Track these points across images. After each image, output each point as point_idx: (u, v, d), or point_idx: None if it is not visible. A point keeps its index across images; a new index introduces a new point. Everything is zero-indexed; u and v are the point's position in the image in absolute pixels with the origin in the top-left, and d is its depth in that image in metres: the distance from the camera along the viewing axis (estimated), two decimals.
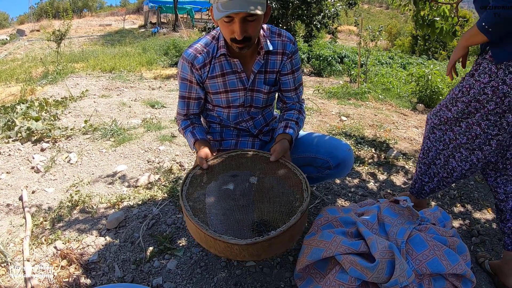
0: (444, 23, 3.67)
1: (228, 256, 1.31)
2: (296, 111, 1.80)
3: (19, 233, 1.88)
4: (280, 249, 1.30)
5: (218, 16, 1.39)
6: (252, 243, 1.20)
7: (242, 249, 1.22)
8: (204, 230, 1.25)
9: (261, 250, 1.24)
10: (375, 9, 54.07)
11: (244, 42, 1.46)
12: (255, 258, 1.29)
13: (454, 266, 1.42)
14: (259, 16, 1.43)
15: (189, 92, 1.69)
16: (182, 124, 1.77)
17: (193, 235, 1.39)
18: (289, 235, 1.28)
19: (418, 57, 17.80)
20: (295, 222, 1.26)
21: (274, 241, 1.23)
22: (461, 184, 2.80)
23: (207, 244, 1.31)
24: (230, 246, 1.23)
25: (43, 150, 2.93)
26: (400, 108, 5.80)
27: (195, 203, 1.39)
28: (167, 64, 10.03)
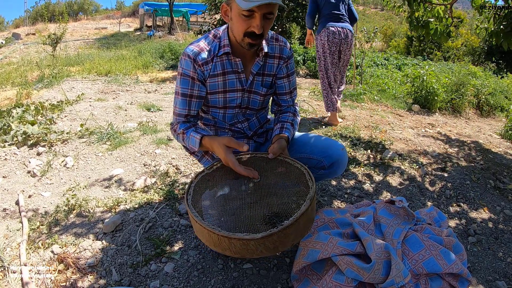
0: (439, 24, 3.69)
1: (244, 256, 1.28)
2: (291, 113, 1.83)
3: (16, 238, 1.88)
4: (295, 238, 1.29)
5: (245, 5, 1.38)
6: (268, 235, 1.19)
7: (258, 243, 1.21)
8: (217, 231, 1.23)
9: (278, 242, 1.23)
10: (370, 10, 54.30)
11: (258, 39, 1.50)
12: (272, 252, 1.27)
13: (451, 266, 1.43)
14: (275, 14, 1.49)
15: (191, 89, 1.64)
16: (181, 127, 1.68)
17: (205, 241, 1.36)
18: (303, 223, 1.28)
19: (413, 58, 17.87)
20: (306, 209, 1.26)
21: (289, 230, 1.23)
22: (457, 184, 2.82)
23: (221, 247, 1.29)
24: (245, 243, 1.21)
25: (39, 154, 2.92)
26: (396, 109, 5.82)
27: (202, 209, 1.40)
28: (163, 67, 10.02)
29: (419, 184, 2.77)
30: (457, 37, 22.43)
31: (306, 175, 1.45)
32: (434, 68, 7.34)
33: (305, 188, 1.39)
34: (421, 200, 2.55)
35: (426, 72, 6.42)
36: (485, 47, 20.19)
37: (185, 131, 1.66)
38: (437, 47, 21.84)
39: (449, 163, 3.27)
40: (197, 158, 1.88)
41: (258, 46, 1.56)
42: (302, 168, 1.49)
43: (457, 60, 19.88)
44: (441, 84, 6.51)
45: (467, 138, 4.48)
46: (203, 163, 1.89)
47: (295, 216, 1.23)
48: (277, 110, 1.90)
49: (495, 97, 7.45)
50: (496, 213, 2.50)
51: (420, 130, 4.56)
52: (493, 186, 2.90)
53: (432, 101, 6.15)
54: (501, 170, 3.28)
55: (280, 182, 1.48)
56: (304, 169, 1.48)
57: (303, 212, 1.25)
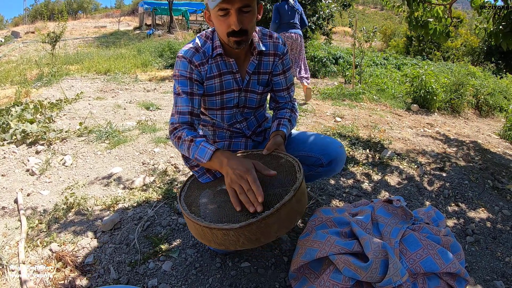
0: (438, 24, 3.70)
1: (228, 247, 1.27)
2: (289, 109, 1.84)
3: (15, 236, 1.88)
4: (279, 230, 1.26)
5: (213, 5, 1.39)
6: (246, 225, 1.19)
7: (238, 234, 1.21)
8: (200, 222, 1.25)
9: (259, 232, 1.22)
10: (370, 10, 54.27)
11: (241, 35, 1.47)
12: (255, 244, 1.25)
13: (448, 265, 1.44)
14: (253, 7, 1.46)
15: (191, 88, 1.58)
16: (188, 134, 1.51)
17: (193, 233, 1.39)
18: (285, 213, 1.25)
19: (412, 58, 17.87)
20: (289, 199, 1.24)
21: (269, 220, 1.21)
22: (455, 184, 2.83)
23: (206, 238, 1.30)
24: (226, 233, 1.22)
25: (38, 153, 2.92)
26: (395, 109, 5.83)
27: (192, 203, 1.41)
28: (162, 66, 10.01)
29: (417, 184, 2.78)
30: (457, 37, 22.44)
31: (295, 167, 1.44)
32: (433, 68, 7.35)
33: (293, 179, 1.37)
34: (420, 199, 2.56)
35: (425, 72, 6.43)
36: (484, 47, 20.20)
37: (194, 138, 1.49)
38: (436, 47, 21.84)
39: (447, 163, 3.27)
40: (196, 174, 1.63)
41: (246, 43, 1.53)
42: (293, 160, 1.49)
43: (456, 60, 19.88)
44: (440, 84, 6.52)
45: (466, 138, 4.49)
46: (202, 180, 1.61)
47: (276, 206, 1.22)
48: (275, 107, 1.91)
49: (494, 97, 7.46)
50: (494, 213, 2.50)
51: (419, 129, 4.57)
52: (492, 186, 2.91)
53: (431, 101, 6.15)
54: (500, 170, 3.29)
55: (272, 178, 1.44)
56: (294, 161, 1.48)
57: (284, 202, 1.23)
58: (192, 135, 1.50)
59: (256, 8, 1.51)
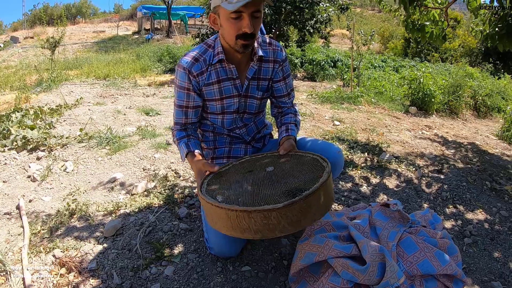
0: (434, 28, 3.73)
1: (266, 235, 1.22)
2: (292, 114, 1.88)
3: (18, 242, 1.90)
4: (316, 212, 1.26)
5: (230, 7, 1.43)
6: (290, 204, 1.16)
7: (280, 215, 1.17)
8: (235, 207, 1.20)
9: (300, 214, 1.20)
10: (368, 12, 54.37)
11: (250, 39, 1.53)
12: (295, 228, 1.21)
13: (445, 267, 1.46)
14: (262, 12, 1.53)
15: (187, 101, 1.71)
16: (177, 135, 1.77)
17: (221, 225, 1.31)
18: (324, 195, 1.27)
19: (410, 60, 17.92)
20: (326, 179, 1.27)
21: (311, 200, 1.21)
22: (454, 186, 2.85)
23: (240, 227, 1.23)
24: (267, 215, 1.17)
25: (39, 159, 2.94)
26: (393, 112, 5.86)
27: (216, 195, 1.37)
28: (161, 70, 10.05)
29: (415, 186, 2.80)
30: (454, 38, 22.50)
31: (319, 160, 1.49)
32: (431, 70, 7.39)
33: (320, 169, 1.41)
34: (418, 202, 2.58)
35: (422, 74, 6.46)
36: (482, 48, 20.25)
37: (179, 140, 1.75)
38: (434, 48, 21.89)
39: (445, 165, 3.30)
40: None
41: (251, 47, 1.59)
42: (315, 155, 1.53)
43: (454, 61, 19.94)
44: (438, 86, 6.55)
45: (464, 140, 4.52)
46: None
47: (315, 186, 1.23)
48: (278, 113, 1.94)
49: (492, 98, 7.50)
50: (492, 214, 2.53)
51: (417, 132, 4.60)
52: (490, 188, 2.93)
53: (429, 103, 6.19)
54: (498, 172, 3.32)
55: (295, 167, 1.49)
56: (317, 156, 1.52)
57: (323, 181, 1.25)
58: (179, 137, 1.75)
59: (262, 14, 1.57)
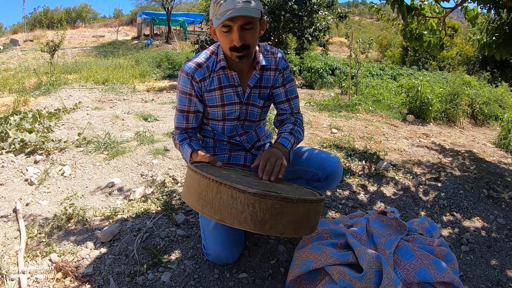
0: (432, 36, 3.76)
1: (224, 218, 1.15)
2: (291, 123, 1.82)
3: (14, 246, 1.89)
4: (288, 225, 1.15)
5: (217, 23, 1.48)
6: (262, 195, 1.08)
7: (248, 202, 1.09)
8: (210, 176, 1.15)
9: (269, 213, 1.11)
10: (366, 20, 54.73)
11: (243, 50, 1.54)
12: (257, 228, 1.12)
13: (441, 275, 1.46)
14: (255, 24, 1.53)
15: (188, 105, 1.73)
16: (178, 138, 1.78)
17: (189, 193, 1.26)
18: (302, 212, 1.17)
19: (408, 68, 18.04)
20: (312, 200, 1.18)
21: (286, 206, 1.11)
22: (451, 194, 2.86)
23: (204, 199, 1.17)
24: (235, 196, 1.10)
25: (37, 163, 2.94)
26: (391, 120, 5.88)
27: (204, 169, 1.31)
28: (160, 76, 10.07)
29: (413, 194, 2.81)
30: (452, 47, 22.67)
31: (316, 193, 1.45)
32: (428, 78, 7.43)
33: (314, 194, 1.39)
34: (415, 210, 2.59)
35: (420, 82, 6.50)
36: (479, 56, 20.40)
37: (181, 142, 1.75)
38: (432, 57, 22.06)
39: (443, 173, 3.31)
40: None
41: (248, 57, 1.60)
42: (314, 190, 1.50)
43: (452, 70, 20.07)
44: (435, 94, 6.59)
45: (461, 148, 4.54)
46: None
47: (299, 197, 1.15)
48: (278, 122, 1.92)
49: (489, 106, 7.54)
50: (489, 221, 2.53)
51: (414, 140, 4.62)
52: (487, 195, 2.94)
53: (427, 111, 6.22)
54: (495, 179, 3.33)
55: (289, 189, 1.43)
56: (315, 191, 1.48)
57: (308, 199, 1.17)
58: (180, 139, 1.76)
59: (258, 24, 1.57)
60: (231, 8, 1.42)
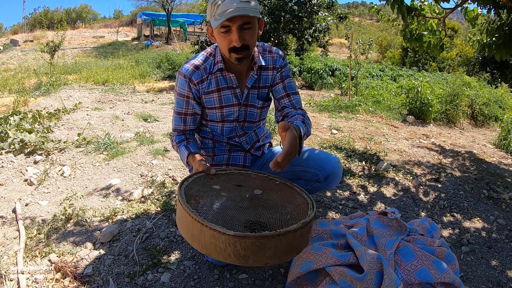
0: (432, 37, 3.76)
1: (210, 253, 1.18)
2: (299, 115, 1.71)
3: (13, 246, 1.89)
4: (272, 258, 1.17)
5: (215, 24, 1.46)
6: (241, 236, 1.10)
7: (229, 242, 1.12)
8: (193, 214, 1.17)
9: (250, 250, 1.13)
10: (366, 21, 54.79)
11: (242, 51, 1.52)
12: (241, 262, 1.15)
13: (442, 275, 1.46)
14: (253, 24, 1.51)
15: (185, 108, 1.72)
16: (176, 139, 1.77)
17: (180, 225, 1.30)
18: (285, 243, 1.17)
19: (408, 69, 18.04)
20: (295, 229, 1.17)
21: (267, 242, 1.12)
22: (451, 194, 2.86)
23: (192, 235, 1.21)
24: (216, 236, 1.13)
25: (36, 163, 2.94)
26: (391, 120, 5.88)
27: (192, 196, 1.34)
28: (160, 77, 10.08)
29: (413, 195, 2.81)
30: (452, 48, 22.68)
31: (309, 204, 1.39)
32: (428, 79, 7.42)
33: (303, 213, 1.32)
34: (415, 210, 2.58)
35: (420, 83, 6.50)
36: (479, 57, 20.41)
37: (178, 144, 1.75)
38: (432, 58, 22.06)
39: (443, 174, 3.31)
40: (189, 168, 1.87)
41: (247, 58, 1.58)
42: (308, 198, 1.44)
43: (452, 71, 20.08)
44: (435, 95, 6.59)
45: (461, 149, 4.53)
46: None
47: (279, 230, 1.14)
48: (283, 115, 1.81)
49: (489, 107, 7.54)
50: (490, 222, 2.53)
51: (414, 141, 4.61)
52: (487, 196, 2.94)
53: (427, 112, 6.22)
54: (495, 180, 3.33)
55: (280, 202, 1.40)
56: (309, 199, 1.43)
57: (289, 230, 1.15)
58: (178, 140, 1.76)
59: (257, 24, 1.56)
60: (229, 8, 1.41)
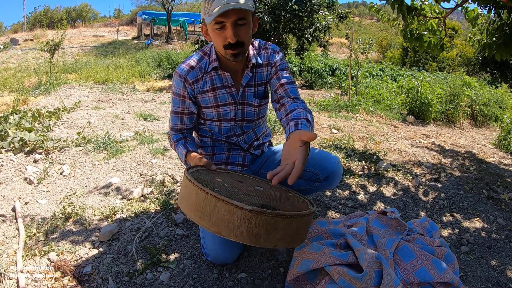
0: (432, 37, 3.76)
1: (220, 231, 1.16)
2: (301, 109, 1.55)
3: (12, 245, 1.89)
4: (281, 239, 1.17)
5: (209, 20, 1.46)
6: (258, 212, 1.10)
7: (244, 217, 1.11)
8: (207, 189, 1.16)
9: (264, 228, 1.13)
10: (366, 21, 54.78)
11: (237, 47, 1.52)
12: (252, 241, 1.14)
13: (442, 275, 1.46)
14: (248, 19, 1.51)
15: (182, 107, 1.73)
16: (174, 138, 1.79)
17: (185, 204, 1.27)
18: (295, 227, 1.18)
19: (408, 69, 18.04)
20: (304, 214, 1.19)
21: (280, 222, 1.14)
22: (451, 194, 2.86)
23: (202, 212, 1.19)
24: (232, 211, 1.12)
25: (36, 162, 2.93)
26: (391, 120, 5.88)
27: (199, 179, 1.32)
28: (160, 76, 10.08)
29: (412, 195, 2.81)
30: (452, 48, 22.68)
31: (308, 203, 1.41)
32: (428, 79, 7.42)
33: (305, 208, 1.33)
34: (415, 210, 2.58)
35: (420, 83, 6.50)
36: (479, 57, 20.41)
37: (176, 142, 1.77)
38: (432, 57, 22.06)
39: (442, 174, 3.31)
40: (187, 166, 1.81)
41: (242, 55, 1.57)
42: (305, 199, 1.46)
43: (452, 71, 20.08)
44: (435, 95, 6.59)
45: (461, 149, 4.53)
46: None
47: (292, 212, 1.16)
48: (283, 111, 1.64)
49: (489, 107, 7.54)
50: (489, 222, 2.53)
51: (414, 140, 4.61)
52: (487, 196, 2.94)
53: (427, 112, 6.22)
54: (495, 180, 3.33)
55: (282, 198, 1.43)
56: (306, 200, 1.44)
57: (300, 214, 1.17)
58: (175, 139, 1.77)
59: (251, 21, 1.55)
60: (223, 3, 1.41)
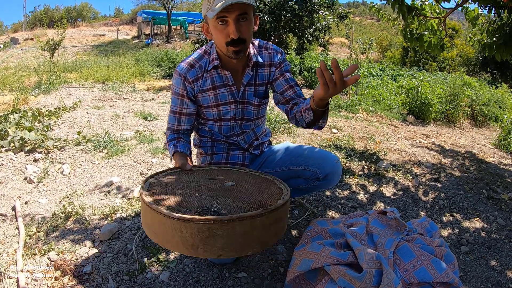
0: (432, 37, 3.76)
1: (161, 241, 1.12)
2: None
3: (12, 244, 1.89)
4: (225, 249, 1.05)
5: (212, 15, 1.44)
6: (185, 220, 1.01)
7: (175, 227, 1.03)
8: (146, 199, 1.14)
9: (198, 238, 1.03)
10: (367, 21, 54.76)
11: (239, 44, 1.52)
12: (191, 252, 1.06)
13: (441, 275, 1.46)
14: (250, 16, 1.51)
15: (180, 107, 1.72)
16: (168, 137, 1.78)
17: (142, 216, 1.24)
18: (240, 232, 1.05)
19: (408, 69, 18.04)
20: (250, 216, 1.05)
21: (216, 229, 1.01)
22: (451, 194, 2.86)
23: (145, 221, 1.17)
24: (163, 221, 1.05)
25: (36, 161, 2.94)
26: (391, 120, 5.88)
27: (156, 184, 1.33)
28: (160, 75, 10.07)
29: (412, 195, 2.81)
30: (452, 48, 22.67)
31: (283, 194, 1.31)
32: (428, 79, 7.42)
33: (271, 203, 1.21)
34: (415, 210, 2.58)
35: (420, 83, 6.50)
36: (480, 57, 20.40)
37: (169, 142, 1.76)
38: (432, 57, 22.05)
39: (442, 174, 3.31)
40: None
41: (244, 52, 1.57)
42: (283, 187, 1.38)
43: (452, 71, 20.07)
44: (435, 95, 6.59)
45: (461, 149, 4.53)
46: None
47: (231, 215, 1.03)
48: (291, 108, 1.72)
49: (489, 107, 7.54)
50: (489, 222, 2.53)
51: (414, 140, 4.61)
52: (487, 196, 2.94)
53: (427, 112, 6.21)
54: (495, 180, 3.33)
55: (250, 192, 1.32)
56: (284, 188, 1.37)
57: (243, 216, 1.04)
58: (169, 139, 1.76)
59: (253, 18, 1.55)
60: None
